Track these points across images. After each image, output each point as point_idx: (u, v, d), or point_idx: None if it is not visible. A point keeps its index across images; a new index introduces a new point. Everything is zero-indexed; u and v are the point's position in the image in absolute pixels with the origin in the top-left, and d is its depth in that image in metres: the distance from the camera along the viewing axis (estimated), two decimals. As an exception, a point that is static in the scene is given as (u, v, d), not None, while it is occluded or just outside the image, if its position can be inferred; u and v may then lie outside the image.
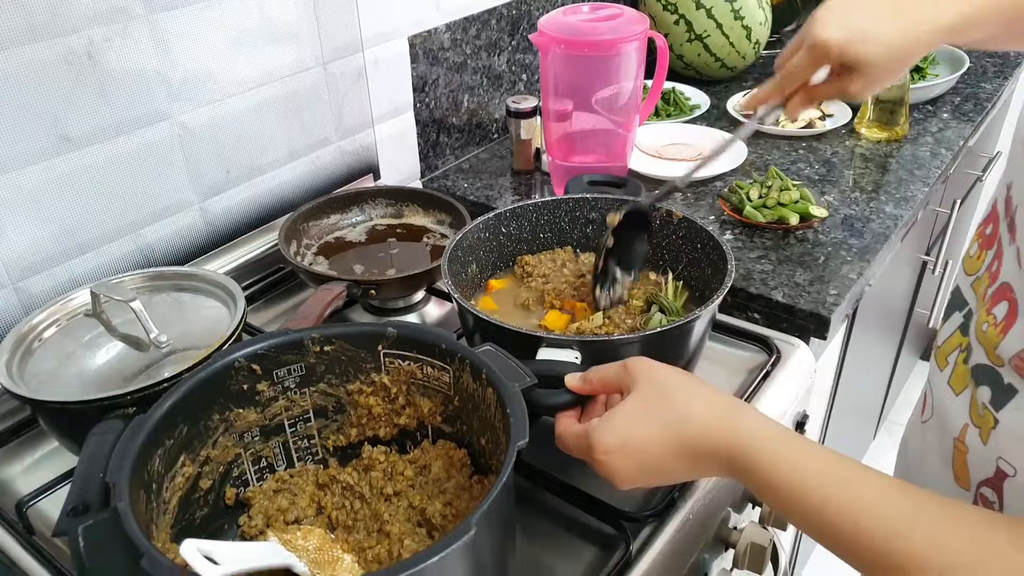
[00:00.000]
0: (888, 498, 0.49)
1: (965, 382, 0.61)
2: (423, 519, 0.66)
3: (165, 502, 0.60)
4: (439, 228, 1.15)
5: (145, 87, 0.95)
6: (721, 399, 0.59)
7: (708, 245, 0.88)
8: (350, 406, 0.72)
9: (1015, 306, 0.54)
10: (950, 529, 0.47)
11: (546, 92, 1.25)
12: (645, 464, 0.58)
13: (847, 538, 0.49)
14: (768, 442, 0.54)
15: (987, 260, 0.62)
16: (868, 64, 0.72)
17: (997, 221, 0.61)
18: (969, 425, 0.61)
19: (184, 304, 0.87)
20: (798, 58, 0.76)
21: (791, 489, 0.52)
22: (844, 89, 0.76)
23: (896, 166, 1.37)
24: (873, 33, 0.71)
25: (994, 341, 0.56)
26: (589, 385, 0.65)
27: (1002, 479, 0.57)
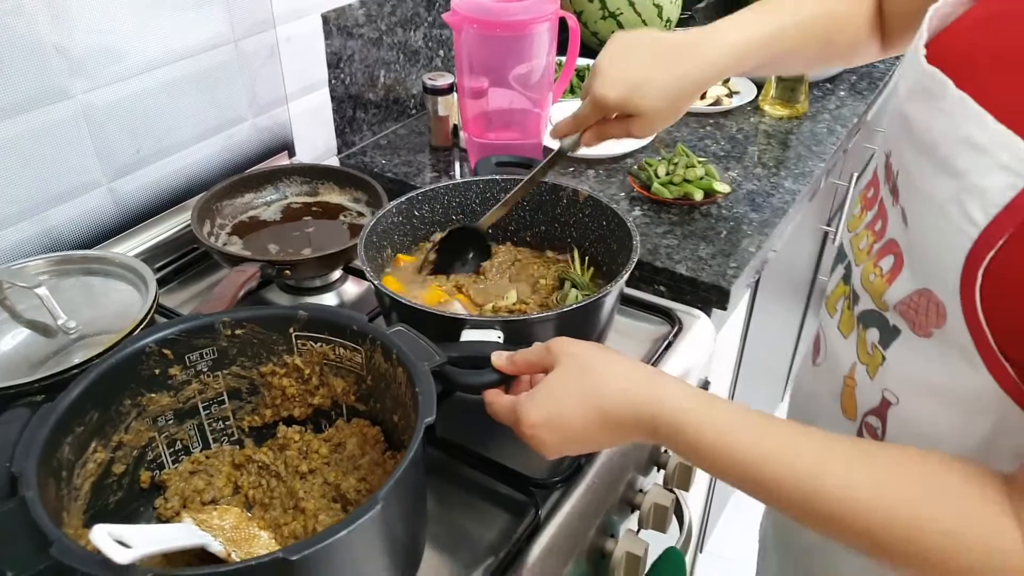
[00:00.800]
0: (804, 445, 0.56)
1: (852, 326, 0.68)
2: (338, 495, 0.69)
3: (76, 488, 0.60)
4: (355, 206, 1.16)
5: (43, 63, 0.92)
6: (639, 370, 0.63)
7: (613, 222, 0.92)
8: (264, 387, 0.73)
9: (900, 259, 0.61)
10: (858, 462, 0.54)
11: (460, 70, 1.26)
12: (569, 435, 0.62)
13: (773, 487, 0.56)
14: (691, 408, 0.59)
15: (867, 219, 0.69)
16: (645, 112, 0.82)
17: (878, 185, 0.68)
18: (857, 363, 0.68)
19: (93, 288, 0.86)
20: (584, 107, 0.85)
21: (717, 450, 0.57)
22: (628, 130, 0.86)
23: (796, 142, 1.44)
24: (648, 87, 0.81)
25: (880, 290, 0.62)
26: (515, 367, 0.69)
27: (886, 407, 0.65)
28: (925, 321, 0.58)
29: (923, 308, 0.58)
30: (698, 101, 1.55)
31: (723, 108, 1.52)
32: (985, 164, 0.51)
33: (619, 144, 1.38)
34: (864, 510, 0.53)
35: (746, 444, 0.57)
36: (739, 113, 1.54)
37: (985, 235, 0.51)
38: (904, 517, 0.52)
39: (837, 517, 0.54)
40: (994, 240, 0.50)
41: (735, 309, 1.31)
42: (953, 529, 0.51)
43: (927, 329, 0.58)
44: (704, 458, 0.59)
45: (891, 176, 0.64)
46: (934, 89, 0.56)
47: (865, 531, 0.53)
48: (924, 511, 0.52)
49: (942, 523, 0.52)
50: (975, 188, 0.51)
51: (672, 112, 0.84)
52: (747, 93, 1.58)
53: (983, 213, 0.50)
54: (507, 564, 0.72)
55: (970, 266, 0.52)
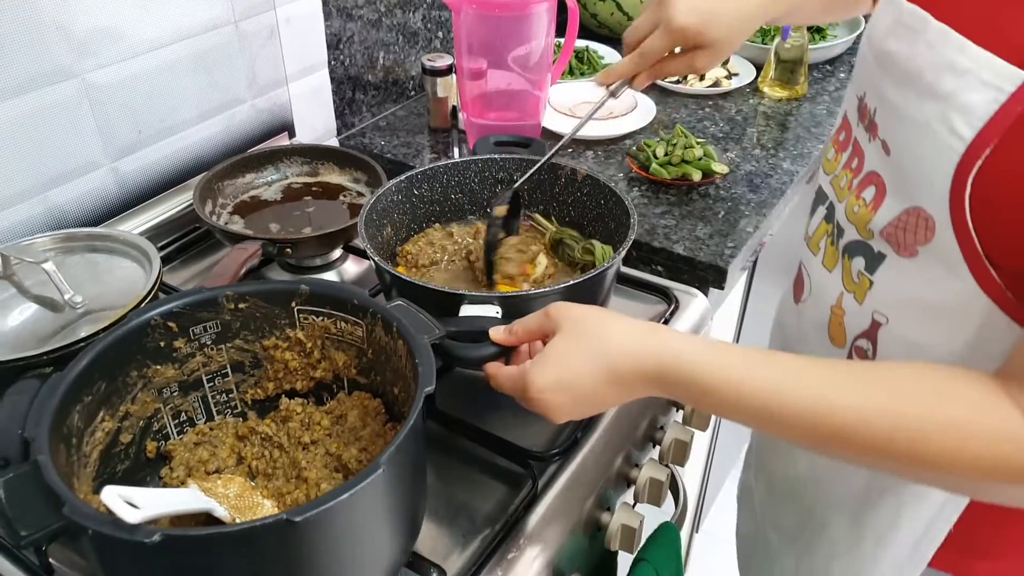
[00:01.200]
0: (806, 370, 0.59)
1: (836, 259, 0.74)
2: (340, 465, 0.70)
3: (86, 456, 0.62)
4: (355, 186, 1.17)
5: (45, 43, 0.93)
6: (639, 326, 0.65)
7: (611, 201, 0.93)
8: (266, 361, 0.75)
9: (882, 187, 0.66)
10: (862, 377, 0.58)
11: (459, 51, 1.27)
12: (578, 396, 0.64)
13: (783, 415, 0.58)
14: (694, 354, 0.61)
15: (843, 160, 0.74)
16: (716, 42, 0.84)
17: (850, 128, 0.73)
18: (844, 292, 0.73)
19: (98, 265, 0.87)
20: (655, 40, 0.85)
21: (725, 390, 0.60)
22: (692, 64, 0.87)
23: (795, 124, 1.45)
24: (718, 15, 0.83)
25: (865, 218, 0.67)
26: (515, 336, 0.70)
27: (877, 328, 0.69)
28: (913, 239, 0.63)
29: (911, 226, 0.63)
30: (697, 82, 1.55)
31: (722, 89, 1.53)
32: (969, 84, 0.56)
33: (619, 123, 1.39)
34: (876, 419, 0.56)
35: (752, 379, 0.59)
36: (738, 95, 1.55)
37: (972, 147, 0.56)
38: (914, 420, 0.55)
39: (851, 431, 0.56)
40: (980, 150, 0.56)
41: (732, 289, 1.32)
42: (960, 422, 0.55)
43: (912, 248, 0.63)
44: (713, 400, 0.61)
45: (866, 115, 0.69)
46: (915, 24, 0.61)
47: (878, 441, 0.56)
48: (931, 410, 0.55)
49: (949, 418, 0.55)
50: (961, 106, 0.57)
51: (736, 43, 0.87)
52: (746, 75, 1.58)
53: (969, 127, 0.56)
54: (504, 534, 0.73)
55: (959, 177, 0.57)
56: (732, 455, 1.83)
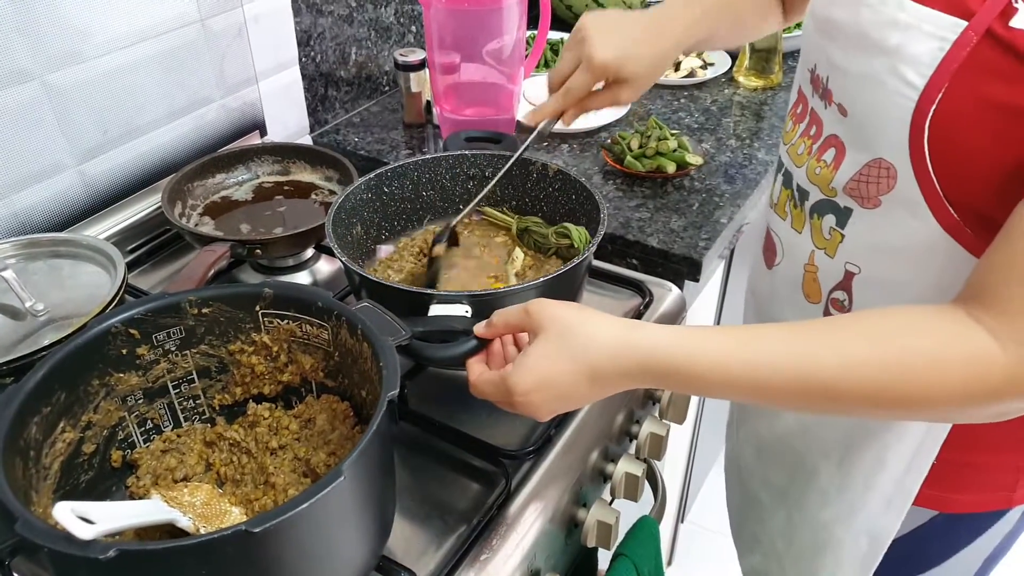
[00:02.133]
0: (790, 335, 0.61)
1: (803, 221, 0.79)
2: (308, 469, 0.69)
3: (45, 468, 0.61)
4: (327, 184, 1.15)
5: (3, 43, 0.91)
6: (618, 322, 0.65)
7: (582, 195, 0.92)
8: (233, 366, 0.74)
9: (842, 147, 0.71)
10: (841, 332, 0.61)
11: (431, 45, 1.26)
12: (561, 395, 0.64)
13: (773, 384, 0.60)
14: (676, 344, 0.62)
15: (800, 130, 0.80)
16: (636, 76, 0.88)
17: (806, 101, 0.78)
18: (815, 250, 0.78)
19: (62, 271, 0.86)
20: (578, 77, 0.88)
21: (713, 372, 0.61)
22: (616, 98, 0.91)
23: (770, 113, 1.44)
24: (636, 52, 0.87)
25: (828, 178, 0.73)
26: (493, 329, 0.70)
27: (850, 279, 0.74)
28: (876, 190, 0.68)
29: (872, 177, 0.68)
30: (672, 73, 1.55)
31: (697, 80, 1.53)
32: (913, 37, 0.62)
33: (594, 117, 1.38)
34: (860, 369, 0.58)
35: (736, 358, 0.61)
36: (713, 84, 1.54)
37: (925, 93, 0.61)
38: (895, 363, 0.58)
39: (839, 386, 0.59)
40: (934, 95, 0.61)
41: (710, 280, 1.32)
42: (937, 356, 0.58)
43: (876, 199, 0.68)
44: (702, 385, 0.62)
45: (819, 85, 0.74)
46: None
47: (866, 391, 0.58)
48: (909, 351, 0.58)
49: (927, 354, 0.58)
50: (909, 57, 0.62)
51: (655, 76, 0.91)
52: (721, 64, 1.58)
53: (919, 76, 0.62)
54: (478, 534, 0.73)
55: (916, 123, 0.62)
56: (715, 446, 1.83)
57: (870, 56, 0.65)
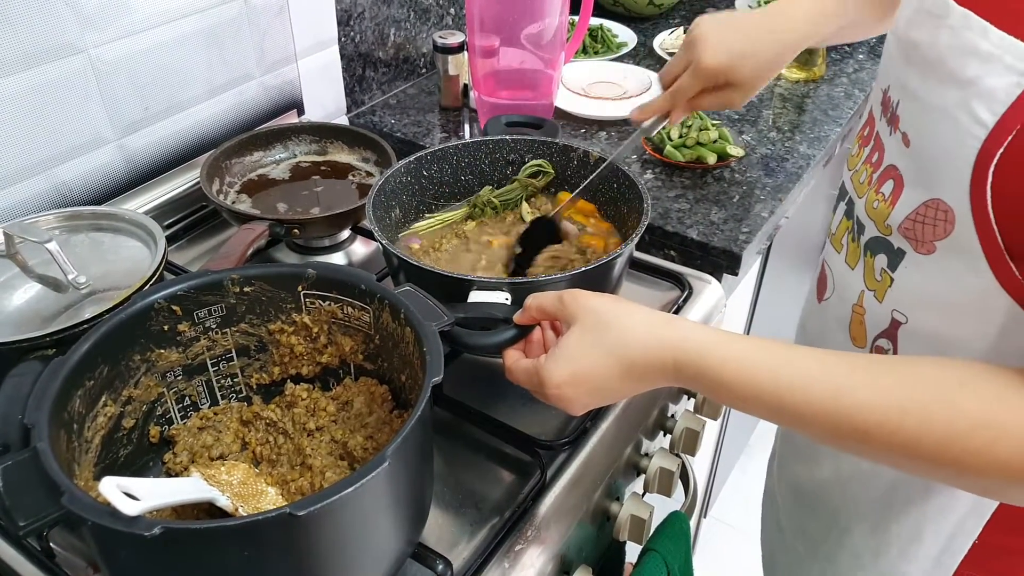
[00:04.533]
0: (828, 363, 0.57)
1: (858, 256, 0.72)
2: (345, 452, 0.69)
3: (87, 441, 0.61)
4: (364, 166, 1.15)
5: (53, 16, 0.91)
6: (656, 317, 0.63)
7: (624, 184, 0.91)
8: (272, 345, 0.74)
9: (900, 181, 0.65)
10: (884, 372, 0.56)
11: (472, 28, 1.25)
12: (594, 389, 0.63)
13: (802, 410, 0.56)
14: (711, 346, 0.59)
15: (864, 155, 0.72)
16: (750, 81, 0.86)
17: (873, 123, 0.72)
18: (865, 291, 0.71)
19: (103, 244, 0.86)
20: (687, 80, 0.87)
21: (743, 382, 0.58)
22: (728, 101, 0.89)
23: (812, 106, 1.42)
24: (751, 53, 0.84)
25: (884, 213, 0.66)
26: (527, 313, 0.69)
27: (896, 327, 0.68)
28: (932, 233, 0.61)
29: (930, 219, 0.61)
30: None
31: (738, 71, 1.50)
32: (992, 69, 0.55)
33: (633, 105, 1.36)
34: (898, 416, 0.53)
35: (770, 374, 0.57)
36: (754, 76, 1.51)
37: (994, 133, 0.54)
38: (939, 417, 0.52)
39: (873, 428, 0.54)
40: (1003, 137, 0.54)
41: (746, 274, 1.30)
42: (988, 421, 0.52)
43: (930, 244, 0.61)
44: (729, 394, 0.59)
45: (888, 108, 0.68)
46: (937, 10, 0.60)
47: (901, 438, 0.53)
48: (958, 408, 0.53)
49: (976, 416, 0.52)
50: (983, 91, 0.55)
51: (770, 76, 0.88)
52: (763, 56, 1.55)
53: (990, 113, 0.55)
54: (512, 524, 0.72)
55: (980, 165, 0.55)
56: (740, 441, 1.82)
57: (944, 86, 0.59)
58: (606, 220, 0.96)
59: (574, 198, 0.93)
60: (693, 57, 0.86)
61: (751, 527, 1.10)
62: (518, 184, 0.97)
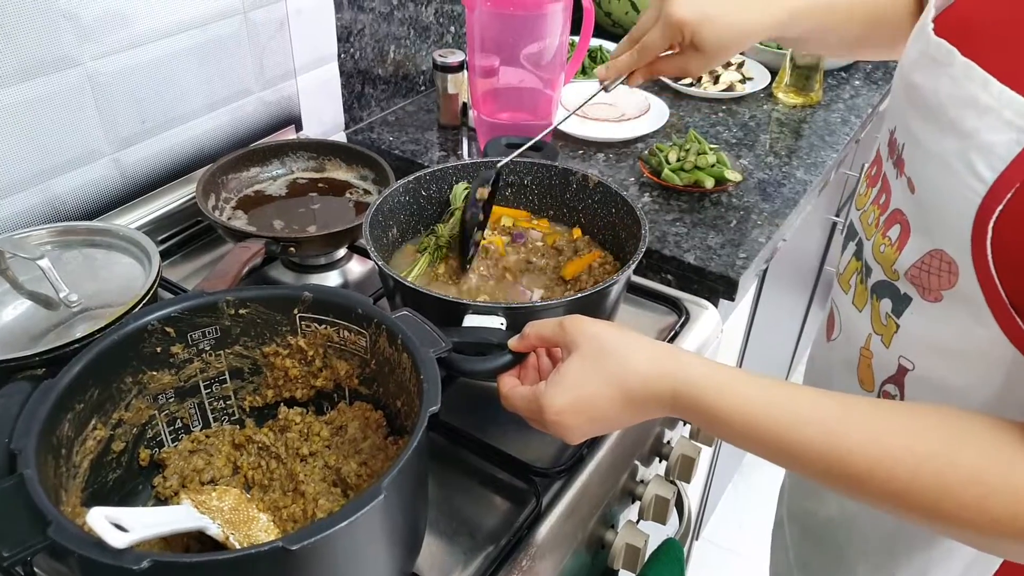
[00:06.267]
0: (824, 405, 0.56)
1: (865, 299, 0.70)
2: (338, 478, 0.68)
3: (75, 466, 0.60)
4: (362, 184, 1.14)
5: (52, 29, 0.91)
6: (657, 348, 0.63)
7: (623, 210, 0.91)
8: (266, 368, 0.73)
9: (907, 226, 0.63)
10: (880, 419, 0.55)
11: (472, 48, 1.24)
12: (594, 417, 0.62)
13: (795, 449, 0.56)
14: (709, 379, 0.59)
15: (872, 195, 0.71)
16: (711, 45, 0.81)
17: (881, 163, 0.70)
18: (872, 334, 0.69)
19: (96, 261, 0.85)
20: (654, 34, 0.83)
21: (738, 418, 0.57)
22: (685, 66, 0.85)
23: (809, 131, 1.42)
24: (719, 17, 0.81)
25: (891, 259, 0.64)
26: (526, 341, 0.68)
27: (903, 374, 0.66)
28: (937, 283, 0.60)
29: (935, 269, 0.60)
30: (711, 86, 1.53)
31: (736, 94, 1.50)
32: (991, 123, 0.53)
33: (632, 126, 1.37)
34: (891, 465, 0.53)
35: (767, 413, 0.57)
36: (752, 99, 1.52)
37: (994, 189, 0.53)
38: (932, 469, 0.52)
39: (865, 475, 0.54)
40: (1002, 194, 0.53)
41: (743, 298, 1.30)
42: (982, 477, 0.51)
43: (937, 293, 0.60)
44: (726, 430, 0.59)
45: (895, 150, 0.66)
46: (941, 57, 0.59)
47: (893, 487, 0.53)
48: (951, 461, 0.52)
49: (971, 471, 0.52)
50: (982, 146, 0.54)
51: (733, 50, 0.84)
52: (760, 79, 1.55)
53: (990, 169, 0.53)
54: (507, 554, 0.71)
55: (980, 220, 0.54)
56: (733, 463, 1.82)
57: (944, 135, 0.57)
58: (603, 247, 0.95)
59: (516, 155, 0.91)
60: (663, 10, 0.82)
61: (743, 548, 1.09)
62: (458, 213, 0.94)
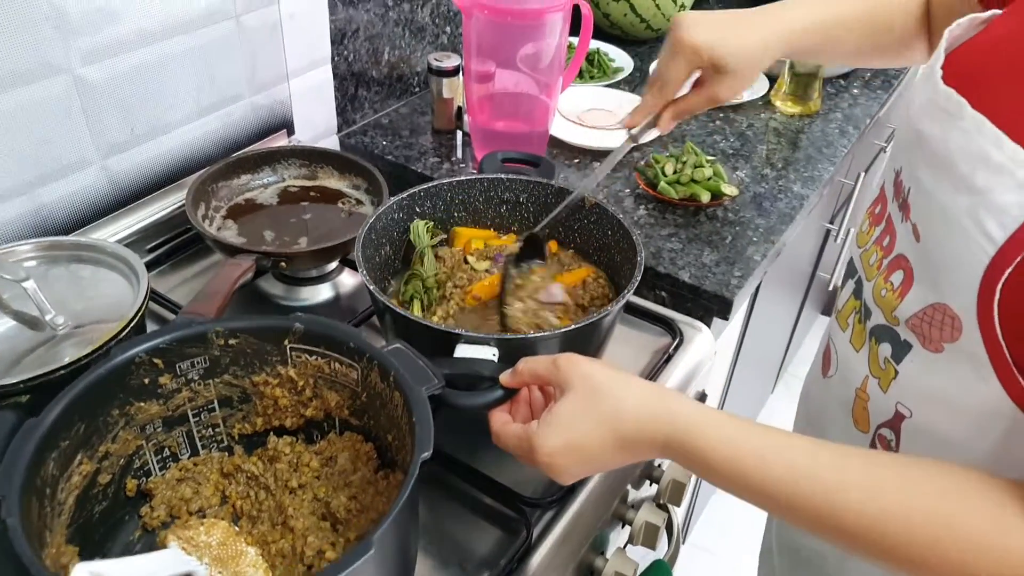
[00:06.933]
0: (820, 458, 0.56)
1: (863, 340, 0.69)
2: (328, 512, 0.67)
3: (60, 503, 0.59)
4: (355, 193, 1.13)
5: (37, 35, 0.88)
6: (651, 391, 0.62)
7: (619, 234, 0.89)
8: (256, 396, 0.72)
9: (910, 274, 0.62)
10: (877, 475, 0.54)
11: (468, 54, 1.23)
12: (586, 459, 0.62)
13: (790, 503, 0.55)
14: (702, 426, 0.59)
15: (875, 235, 0.70)
16: (733, 63, 0.80)
17: (886, 202, 0.69)
18: (869, 377, 0.68)
19: (84, 279, 0.83)
20: (671, 66, 0.83)
21: (731, 468, 0.57)
22: (714, 93, 0.84)
23: (807, 143, 1.41)
24: (733, 36, 0.80)
25: (892, 305, 0.64)
26: (519, 377, 0.67)
27: (900, 420, 0.66)
28: (938, 335, 0.59)
29: (937, 321, 0.59)
30: (709, 93, 1.51)
31: (734, 102, 1.49)
32: (1003, 183, 0.52)
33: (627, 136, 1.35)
34: (886, 525, 0.53)
35: (761, 465, 0.56)
36: (750, 108, 1.51)
37: (1003, 251, 0.52)
38: (925, 528, 0.52)
39: (860, 532, 0.54)
40: (1012, 256, 0.52)
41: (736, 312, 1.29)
42: (975, 540, 0.51)
43: (938, 344, 0.59)
44: (719, 479, 0.59)
45: (900, 193, 0.65)
46: (950, 108, 0.57)
47: (886, 544, 0.53)
48: (947, 523, 0.52)
49: (964, 533, 0.52)
50: (993, 205, 0.52)
51: (752, 69, 0.83)
52: (759, 87, 1.54)
53: (1001, 230, 0.52)
54: (497, 585, 0.71)
55: (988, 281, 0.53)
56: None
57: (954, 189, 0.56)
58: (599, 266, 0.94)
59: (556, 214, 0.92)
60: (674, 37, 0.82)
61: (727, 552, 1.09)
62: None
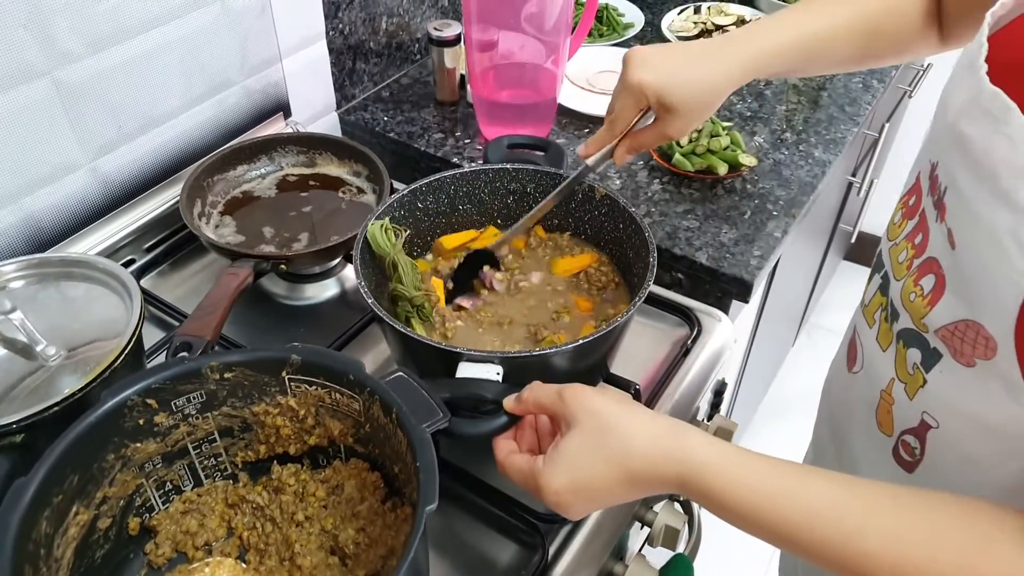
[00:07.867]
0: (840, 501, 0.53)
1: (889, 340, 0.66)
2: (336, 546, 0.65)
3: (57, 560, 0.57)
4: (355, 180, 1.08)
5: (9, 39, 0.84)
6: (660, 426, 0.59)
7: (631, 228, 0.85)
8: (257, 426, 0.69)
9: (942, 281, 0.57)
10: (902, 522, 0.51)
11: (468, 19, 1.16)
12: (594, 497, 0.60)
13: (807, 546, 0.53)
14: (717, 466, 0.56)
15: (907, 229, 0.64)
16: (682, 104, 0.76)
17: (920, 195, 0.63)
18: (895, 380, 0.65)
19: (75, 301, 0.80)
20: (621, 102, 0.79)
21: (746, 508, 0.55)
22: (664, 132, 0.80)
23: (828, 101, 1.34)
24: (686, 73, 0.76)
25: (921, 312, 0.60)
26: (523, 406, 0.65)
27: (926, 430, 0.63)
28: (971, 351, 0.55)
29: (969, 338, 0.55)
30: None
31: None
32: None
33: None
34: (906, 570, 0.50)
35: (778, 506, 0.54)
36: (768, 63, 1.43)
37: None
38: None
39: None
40: None
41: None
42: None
43: (970, 358, 0.55)
44: (734, 517, 0.56)
45: (936, 189, 0.60)
46: (996, 111, 0.52)
47: None
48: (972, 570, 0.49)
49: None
50: None
51: (710, 105, 0.79)
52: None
53: None
54: (513, 609, 0.69)
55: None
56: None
57: (995, 201, 0.51)
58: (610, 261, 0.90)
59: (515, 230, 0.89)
60: (623, 76, 0.78)
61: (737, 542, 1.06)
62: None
